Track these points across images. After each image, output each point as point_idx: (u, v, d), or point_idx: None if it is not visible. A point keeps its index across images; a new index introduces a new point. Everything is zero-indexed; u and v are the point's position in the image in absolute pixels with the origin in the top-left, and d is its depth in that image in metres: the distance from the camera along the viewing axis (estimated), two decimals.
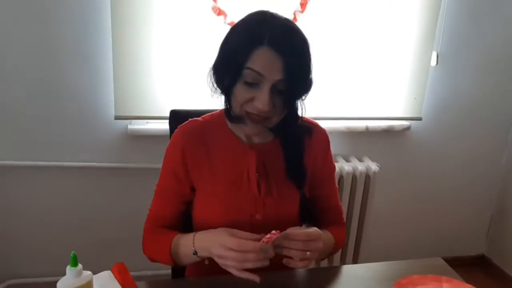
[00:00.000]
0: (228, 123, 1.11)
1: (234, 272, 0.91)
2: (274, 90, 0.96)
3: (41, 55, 1.78)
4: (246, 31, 0.97)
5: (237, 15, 1.81)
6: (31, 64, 1.78)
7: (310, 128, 1.14)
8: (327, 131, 1.19)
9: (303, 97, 1.05)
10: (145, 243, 1.16)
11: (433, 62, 2.14)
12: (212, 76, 1.04)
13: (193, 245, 1.00)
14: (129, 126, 1.92)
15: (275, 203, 1.09)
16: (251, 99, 0.97)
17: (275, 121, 1.02)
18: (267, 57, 0.93)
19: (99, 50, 1.82)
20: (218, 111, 1.15)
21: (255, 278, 0.91)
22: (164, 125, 1.90)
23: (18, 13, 1.72)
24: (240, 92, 0.97)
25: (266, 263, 0.90)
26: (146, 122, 1.97)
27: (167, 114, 1.32)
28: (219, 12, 1.80)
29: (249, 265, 0.90)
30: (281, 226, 1.10)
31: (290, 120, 1.06)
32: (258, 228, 1.06)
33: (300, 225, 1.19)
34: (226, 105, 1.05)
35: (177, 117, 1.29)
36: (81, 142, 1.91)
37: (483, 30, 2.19)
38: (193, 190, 1.12)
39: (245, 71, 0.94)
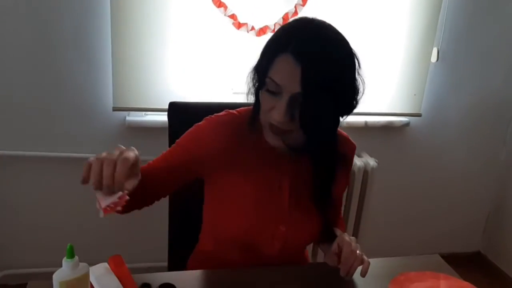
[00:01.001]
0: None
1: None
2: (295, 102, 0.88)
3: (39, 46, 1.77)
4: (276, 36, 0.92)
5: (237, 8, 1.81)
6: (29, 54, 1.77)
7: (344, 156, 1.07)
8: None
9: (341, 118, 0.97)
10: None
11: (433, 58, 2.13)
12: (250, 79, 0.98)
13: None
14: (127, 118, 1.91)
15: (302, 217, 1.05)
16: (272, 108, 0.91)
17: (295, 136, 0.93)
18: (286, 65, 0.86)
19: (97, 40, 1.80)
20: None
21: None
22: (162, 117, 1.89)
23: (16, 4, 1.70)
24: (263, 100, 0.93)
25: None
26: (145, 114, 1.96)
27: (166, 106, 1.30)
28: (219, 4, 1.79)
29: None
30: (303, 238, 1.09)
31: (315, 142, 0.95)
32: (279, 238, 1.05)
33: (314, 236, 1.13)
34: (253, 110, 0.99)
35: (176, 109, 1.28)
36: (79, 133, 1.90)
37: (484, 26, 2.18)
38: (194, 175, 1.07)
39: (267, 79, 0.89)
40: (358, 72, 0.95)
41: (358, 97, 0.96)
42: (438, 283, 1.01)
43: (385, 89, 2.11)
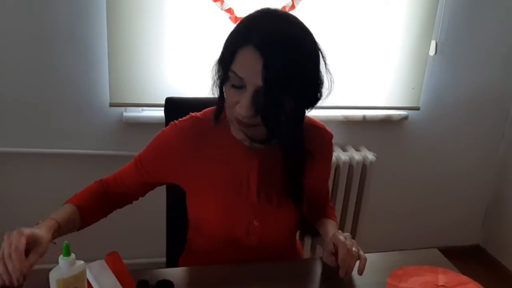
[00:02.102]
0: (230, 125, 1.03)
1: None
2: (259, 96, 0.87)
3: (35, 42, 1.75)
4: (238, 28, 0.91)
5: (234, 2, 1.79)
6: (25, 51, 1.75)
7: (311, 152, 1.06)
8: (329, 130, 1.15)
9: (305, 111, 0.97)
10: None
11: (431, 52, 2.12)
12: (215, 73, 0.96)
13: (46, 219, 1.01)
14: (125, 113, 1.90)
15: (274, 210, 1.05)
16: (237, 103, 0.90)
17: (260, 130, 0.92)
18: (248, 58, 0.85)
19: (94, 36, 1.79)
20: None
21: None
22: (159, 113, 1.88)
23: (12, 0, 1.69)
24: (228, 94, 0.93)
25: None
26: (142, 110, 1.95)
27: (163, 102, 1.30)
28: None
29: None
30: (279, 231, 1.09)
31: (275, 134, 0.95)
32: (254, 233, 1.06)
33: (296, 230, 1.18)
34: (218, 105, 0.99)
35: (172, 105, 1.28)
36: (76, 129, 1.90)
37: (483, 19, 2.17)
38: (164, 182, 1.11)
39: (230, 73, 0.88)
40: (325, 64, 0.94)
41: (322, 89, 0.95)
42: (436, 277, 1.01)
43: (383, 82, 2.10)
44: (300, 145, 1.02)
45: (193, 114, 1.07)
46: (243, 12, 1.81)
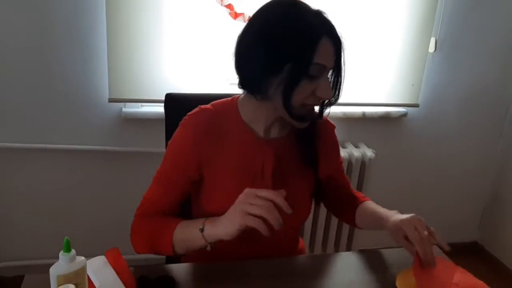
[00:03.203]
0: (243, 115, 1.05)
1: (262, 227, 0.87)
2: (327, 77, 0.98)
3: (33, 37, 1.74)
4: (302, 26, 0.92)
5: None
6: (24, 46, 1.75)
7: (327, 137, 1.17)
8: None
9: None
10: (137, 231, 1.10)
11: (431, 48, 2.12)
12: (279, 77, 0.94)
13: (203, 224, 0.95)
14: (124, 109, 1.90)
15: (287, 199, 1.04)
16: (313, 92, 0.95)
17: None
18: (327, 47, 0.93)
19: (93, 31, 1.78)
20: (229, 99, 1.09)
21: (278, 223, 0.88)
22: (159, 108, 1.88)
23: None
24: (303, 88, 0.94)
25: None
26: (141, 105, 1.95)
27: (162, 97, 1.29)
28: None
29: (275, 213, 0.88)
30: (291, 221, 1.08)
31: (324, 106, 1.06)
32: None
33: (305, 219, 1.20)
34: (285, 106, 0.96)
35: (172, 101, 1.28)
36: (75, 125, 1.89)
37: (482, 16, 2.17)
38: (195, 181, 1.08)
39: (312, 66, 0.92)
40: None
41: None
42: (452, 275, 1.01)
43: (382, 79, 2.10)
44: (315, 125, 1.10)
45: (202, 106, 1.06)
46: (243, 8, 1.81)
